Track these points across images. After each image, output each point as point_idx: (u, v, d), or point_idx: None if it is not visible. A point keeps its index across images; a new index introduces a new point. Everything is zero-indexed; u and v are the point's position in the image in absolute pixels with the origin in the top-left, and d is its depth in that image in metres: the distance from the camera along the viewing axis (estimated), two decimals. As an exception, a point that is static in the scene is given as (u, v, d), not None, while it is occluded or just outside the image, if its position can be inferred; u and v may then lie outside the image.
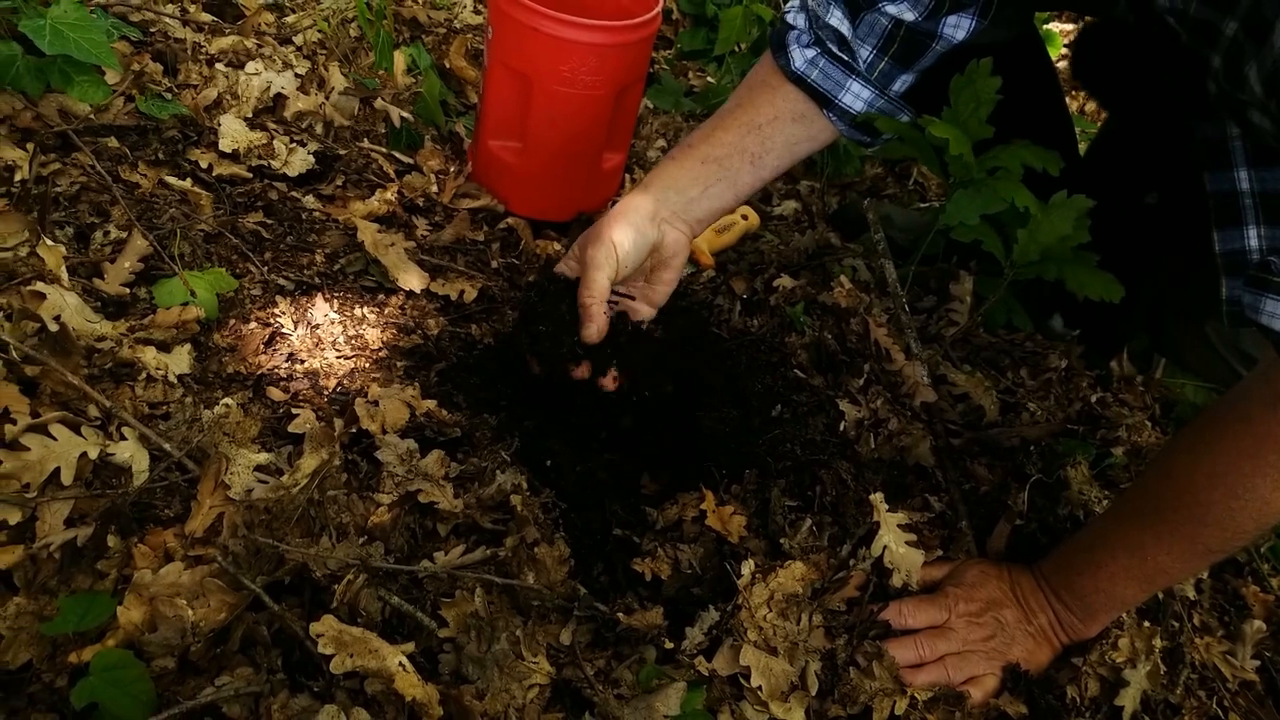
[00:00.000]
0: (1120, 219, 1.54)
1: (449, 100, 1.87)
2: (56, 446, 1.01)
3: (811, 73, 1.23)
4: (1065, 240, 1.43)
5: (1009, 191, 1.42)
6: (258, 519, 1.00)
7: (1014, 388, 1.59)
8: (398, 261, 1.44)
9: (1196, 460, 1.02)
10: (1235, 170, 1.26)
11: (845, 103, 1.25)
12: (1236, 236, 1.33)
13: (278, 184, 1.54)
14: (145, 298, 1.26)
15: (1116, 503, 1.19)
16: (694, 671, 1.05)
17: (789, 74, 1.23)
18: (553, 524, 1.15)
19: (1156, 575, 1.07)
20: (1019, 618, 1.14)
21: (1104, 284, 1.42)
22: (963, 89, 1.42)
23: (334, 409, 1.21)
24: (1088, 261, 1.44)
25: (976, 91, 1.40)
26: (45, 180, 1.33)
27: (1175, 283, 1.63)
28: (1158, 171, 1.56)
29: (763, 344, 1.45)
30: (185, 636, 0.92)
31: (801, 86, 1.24)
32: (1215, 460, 0.99)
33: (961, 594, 1.14)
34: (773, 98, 1.25)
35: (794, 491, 1.26)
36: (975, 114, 1.41)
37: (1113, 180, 1.58)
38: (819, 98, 1.24)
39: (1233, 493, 0.97)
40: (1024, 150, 1.42)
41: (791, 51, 1.22)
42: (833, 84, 1.23)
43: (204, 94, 1.61)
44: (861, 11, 1.20)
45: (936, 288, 1.76)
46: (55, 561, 0.96)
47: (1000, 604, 1.14)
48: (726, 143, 1.24)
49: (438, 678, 0.97)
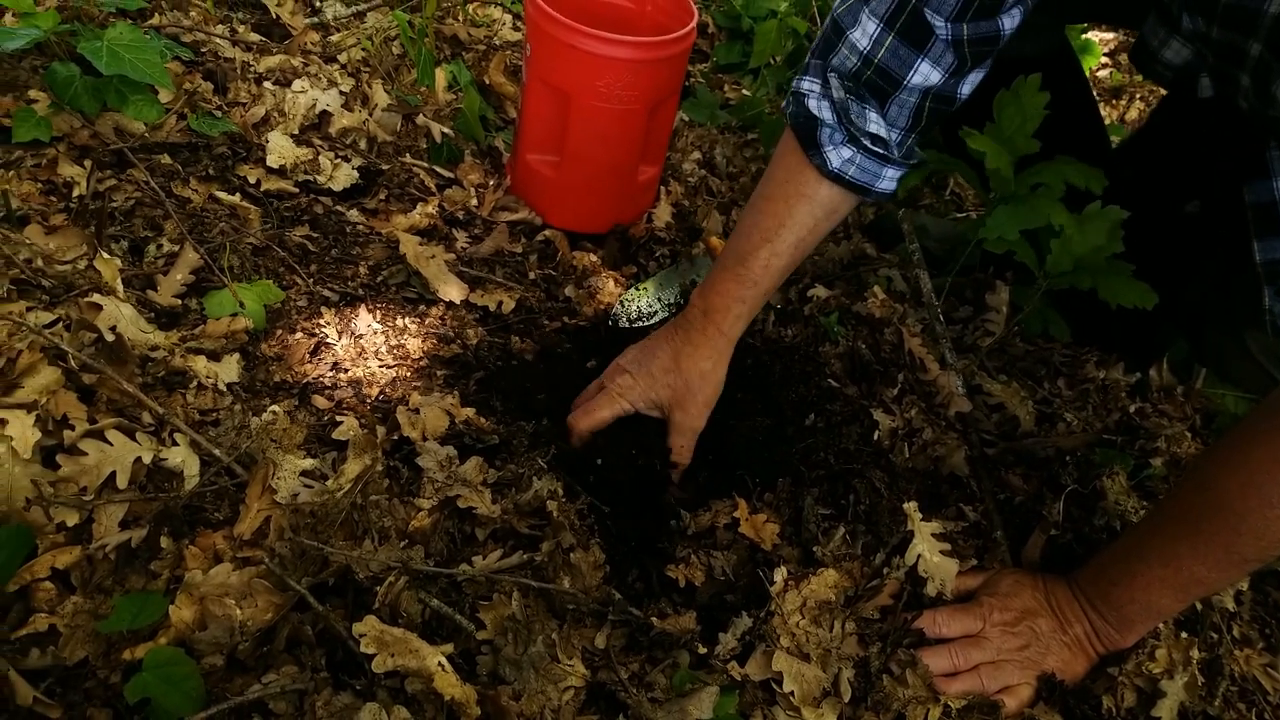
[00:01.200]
0: (1161, 227, 1.53)
1: (488, 115, 1.91)
2: (112, 451, 1.05)
3: (849, 170, 1.23)
4: (1099, 250, 1.42)
5: (1050, 210, 1.42)
6: (303, 522, 1.03)
7: (1051, 398, 1.58)
8: (438, 273, 1.47)
9: (1231, 470, 1.01)
10: (1275, 180, 1.25)
11: (881, 188, 1.26)
12: (1277, 246, 1.32)
13: (323, 198, 1.58)
14: (196, 309, 1.31)
15: (1152, 513, 1.18)
16: (727, 676, 1.06)
17: (826, 173, 1.23)
18: (588, 530, 1.16)
19: (1192, 585, 1.06)
20: (1054, 627, 1.13)
21: (1138, 292, 1.41)
22: (1008, 104, 1.42)
23: (376, 416, 1.24)
24: (1122, 270, 1.43)
25: (1023, 107, 1.40)
26: (102, 196, 1.39)
27: (1216, 291, 1.61)
28: (1199, 180, 1.55)
29: (797, 353, 1.45)
30: (233, 635, 0.95)
31: (840, 183, 1.24)
32: (1251, 469, 0.98)
33: (996, 603, 1.14)
34: (810, 206, 1.26)
35: (827, 500, 1.27)
36: (1021, 129, 1.41)
37: (1154, 188, 1.57)
38: (858, 189, 1.25)
39: (1268, 502, 0.97)
40: (1067, 167, 1.41)
41: (827, 153, 1.22)
42: (870, 176, 1.24)
43: (252, 111, 1.65)
44: (889, 99, 1.20)
45: (972, 298, 1.75)
46: (110, 562, 1.00)
47: (1035, 613, 1.14)
48: (775, 269, 1.28)
49: (475, 679, 0.99)
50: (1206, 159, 1.48)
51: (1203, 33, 1.15)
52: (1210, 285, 1.62)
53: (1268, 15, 1.04)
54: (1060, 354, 1.67)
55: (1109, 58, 3.10)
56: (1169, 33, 1.35)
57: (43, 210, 1.33)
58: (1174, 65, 1.39)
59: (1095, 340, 1.68)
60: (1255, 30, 1.03)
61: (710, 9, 2.55)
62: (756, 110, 2.14)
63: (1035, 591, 1.16)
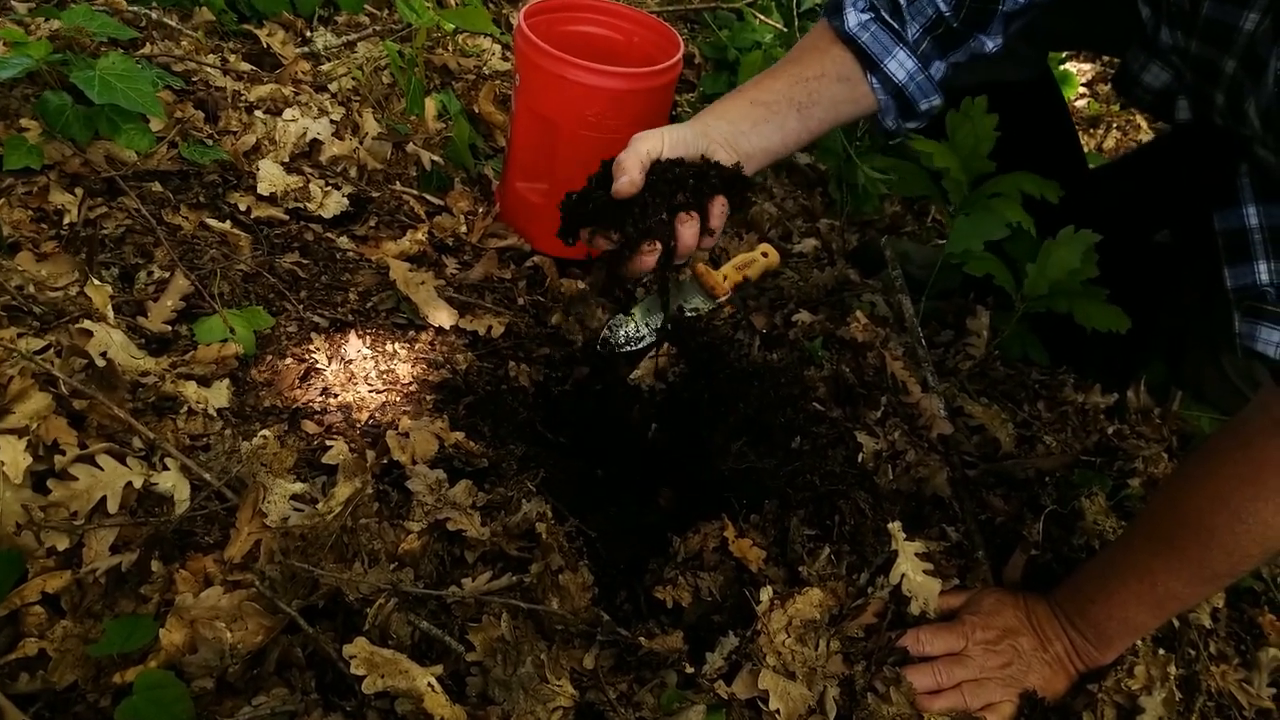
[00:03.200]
0: (1133, 254, 1.57)
1: (478, 144, 1.93)
2: (103, 476, 1.05)
3: (863, 35, 1.23)
4: (1073, 274, 1.45)
5: (1009, 213, 1.45)
6: (293, 545, 1.04)
7: (1031, 420, 1.61)
8: (428, 299, 1.48)
9: (1200, 486, 1.04)
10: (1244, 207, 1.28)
11: (890, 69, 1.25)
12: (1247, 272, 1.35)
13: (313, 225, 1.59)
14: (186, 335, 1.32)
15: (1126, 531, 1.21)
16: (714, 695, 1.07)
17: (840, 34, 1.24)
18: (577, 552, 1.17)
19: (1168, 601, 1.08)
20: (1035, 645, 1.15)
21: (1111, 316, 1.44)
22: (960, 125, 1.45)
23: (366, 441, 1.25)
24: (1096, 295, 1.47)
25: (975, 128, 1.44)
26: (93, 223, 1.40)
27: (1197, 315, 1.65)
28: (1170, 209, 1.59)
29: (783, 377, 1.47)
30: (224, 658, 0.95)
31: (851, 47, 1.24)
32: (1218, 486, 1.01)
33: (979, 621, 1.16)
34: (821, 57, 1.26)
35: (813, 521, 1.29)
36: (975, 149, 1.44)
37: (1125, 217, 1.60)
38: (866, 60, 1.25)
39: (1236, 517, 0.99)
40: (1022, 178, 1.45)
41: (846, 13, 1.23)
42: (881, 48, 1.24)
43: (243, 140, 1.67)
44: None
45: (954, 322, 1.78)
46: (101, 586, 1.00)
47: (1016, 631, 1.16)
48: (775, 89, 1.25)
49: (465, 699, 1.00)
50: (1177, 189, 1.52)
51: (1182, 48, 1.18)
52: (1190, 310, 1.65)
53: (1243, 32, 1.07)
54: (1039, 377, 1.70)
55: (1087, 88, 3.17)
56: (1149, 57, 1.39)
57: (34, 237, 1.34)
58: (1153, 89, 1.42)
59: (1073, 364, 1.71)
60: (1231, 46, 1.06)
61: (697, 39, 2.59)
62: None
63: (1016, 610, 1.18)
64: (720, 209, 1.16)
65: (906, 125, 1.32)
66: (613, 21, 1.70)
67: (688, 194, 1.13)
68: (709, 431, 1.34)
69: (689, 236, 1.14)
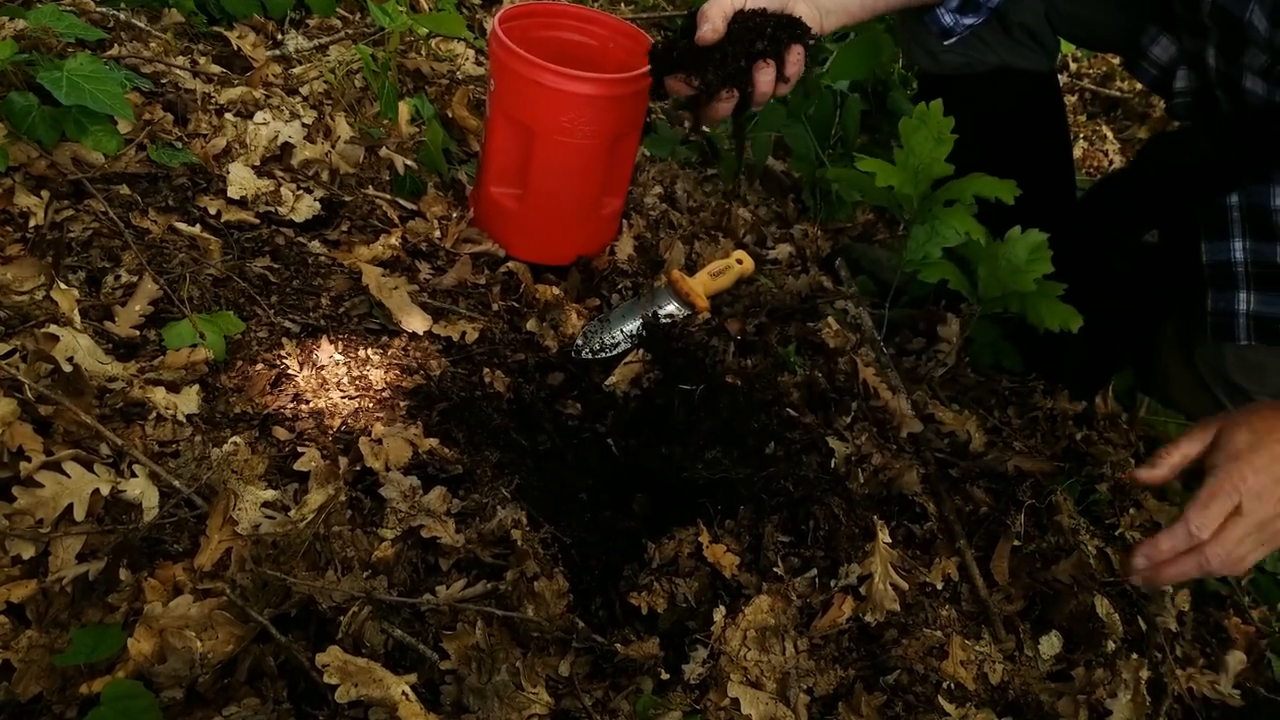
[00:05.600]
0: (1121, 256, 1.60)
1: (451, 149, 1.92)
2: (69, 483, 1.03)
3: None
4: (1022, 274, 1.47)
5: (959, 224, 1.46)
6: (265, 553, 1.03)
7: (1000, 426, 1.63)
8: (401, 304, 1.47)
9: None
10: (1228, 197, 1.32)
11: None
12: (1223, 247, 1.39)
13: (285, 230, 1.58)
14: (155, 340, 1.30)
15: None
16: (690, 702, 1.07)
17: None
18: (552, 559, 1.17)
19: None
20: None
21: (1063, 315, 1.45)
22: (915, 131, 1.47)
23: (339, 447, 1.24)
24: (1049, 292, 1.48)
25: (931, 131, 1.45)
26: (59, 226, 1.37)
27: (1172, 313, 1.67)
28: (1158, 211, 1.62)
29: (758, 383, 1.48)
30: (194, 668, 0.94)
31: None
32: None
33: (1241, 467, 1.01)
34: None
35: (787, 527, 1.29)
36: (933, 153, 1.46)
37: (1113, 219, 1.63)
38: None
39: None
40: (976, 181, 1.46)
41: None
42: None
43: (213, 143, 1.65)
44: None
45: (925, 330, 1.80)
46: (67, 595, 0.98)
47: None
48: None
49: (439, 708, 0.99)
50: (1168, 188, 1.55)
51: None
52: (1165, 308, 1.68)
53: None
54: (1009, 384, 1.72)
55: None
56: (1160, 29, 1.43)
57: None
58: (1160, 63, 1.47)
59: (1046, 370, 1.73)
60: None
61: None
62: (716, 146, 2.19)
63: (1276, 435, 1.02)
64: (796, 57, 1.26)
65: (964, 21, 1.31)
66: (588, 27, 1.70)
67: (766, 42, 1.21)
68: (683, 437, 1.35)
69: (765, 84, 1.24)
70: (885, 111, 2.35)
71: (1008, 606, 1.32)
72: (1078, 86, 3.23)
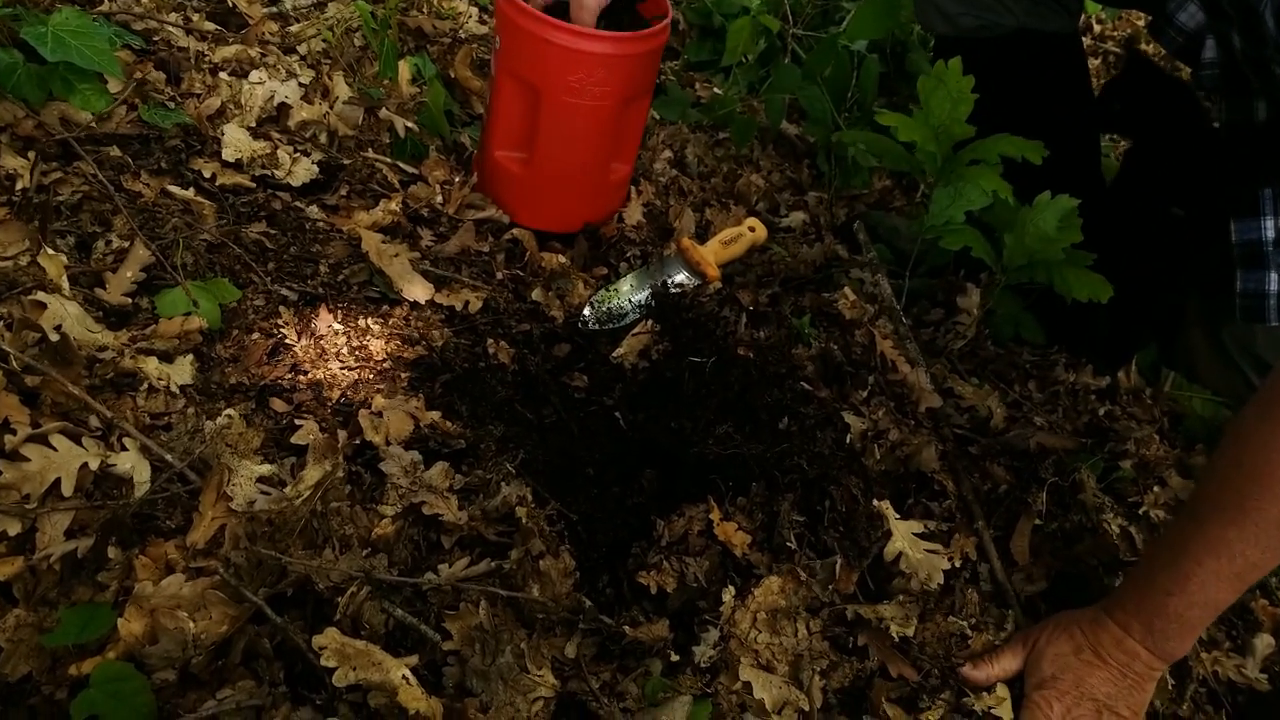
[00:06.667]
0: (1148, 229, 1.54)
1: (454, 110, 1.87)
2: (57, 457, 1.00)
3: None
4: (1052, 242, 1.41)
5: (986, 182, 1.40)
6: (260, 531, 0.99)
7: (1021, 400, 1.58)
8: (402, 272, 1.43)
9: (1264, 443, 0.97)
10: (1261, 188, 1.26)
11: None
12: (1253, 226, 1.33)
13: (281, 194, 1.53)
14: (147, 308, 1.25)
15: (1187, 507, 1.11)
16: (700, 685, 1.04)
17: None
18: (558, 536, 1.14)
19: (1247, 572, 1.01)
20: (1112, 677, 1.09)
21: (1092, 285, 1.39)
22: (934, 90, 1.40)
23: (337, 420, 1.20)
24: (1078, 261, 1.42)
25: (950, 91, 1.39)
26: (46, 189, 1.33)
27: (1200, 289, 1.62)
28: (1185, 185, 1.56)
29: (770, 355, 1.44)
30: (186, 649, 0.91)
31: None
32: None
33: (1052, 695, 1.10)
34: None
35: (802, 506, 1.25)
36: (952, 114, 1.39)
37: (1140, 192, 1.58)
38: None
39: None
40: (1002, 141, 1.40)
41: None
42: None
43: (207, 103, 1.60)
44: None
45: (944, 300, 1.75)
46: (55, 573, 0.95)
47: (1091, 681, 1.10)
48: None
49: (442, 691, 0.96)
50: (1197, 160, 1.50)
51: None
52: (1192, 283, 1.63)
53: None
54: (1030, 357, 1.67)
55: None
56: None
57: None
58: (1186, 29, 1.41)
59: (1069, 343, 1.68)
60: None
61: (681, 5, 2.53)
62: (728, 109, 2.12)
63: (1080, 655, 1.11)
64: None
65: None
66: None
67: None
68: (693, 412, 1.30)
69: None
70: (904, 74, 2.27)
71: (1028, 587, 1.28)
72: (1101, 50, 3.15)
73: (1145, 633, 1.08)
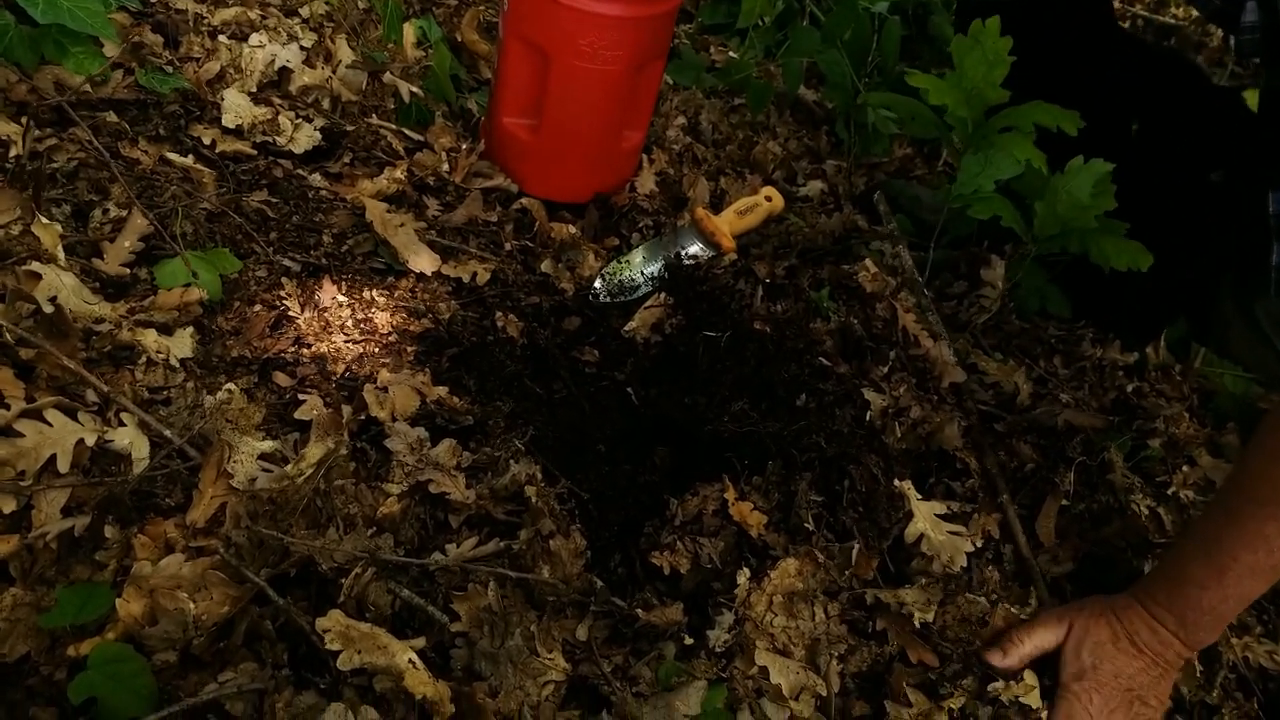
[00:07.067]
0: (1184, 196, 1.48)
1: (460, 75, 1.82)
2: (52, 433, 0.96)
3: None
4: (1085, 209, 1.36)
5: (1019, 150, 1.35)
6: (262, 509, 0.96)
7: (1047, 376, 1.54)
8: (408, 242, 1.39)
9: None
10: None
11: None
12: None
13: (283, 161, 1.49)
14: (146, 278, 1.22)
15: (1219, 499, 1.10)
16: (715, 669, 1.01)
17: None
18: (569, 515, 1.11)
19: None
20: (1145, 666, 1.08)
21: (1131, 253, 1.35)
22: (969, 51, 1.35)
23: (342, 395, 1.17)
24: (1114, 230, 1.37)
25: (985, 53, 1.34)
26: (41, 156, 1.29)
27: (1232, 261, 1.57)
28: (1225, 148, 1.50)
29: (788, 330, 1.40)
30: (187, 630, 0.88)
31: None
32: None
33: (1089, 686, 1.08)
34: None
35: (820, 486, 1.22)
36: (987, 77, 1.34)
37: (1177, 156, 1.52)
38: None
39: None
40: (1036, 109, 1.35)
41: None
42: None
43: (206, 67, 1.56)
44: None
45: (967, 273, 1.70)
46: (52, 552, 0.92)
47: (1128, 670, 1.08)
48: None
49: (449, 674, 0.94)
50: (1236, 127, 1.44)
51: None
52: (1225, 255, 1.58)
53: None
54: (1056, 331, 1.63)
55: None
56: None
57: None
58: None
59: (1095, 317, 1.64)
60: None
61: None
62: (744, 74, 2.07)
63: (1118, 644, 1.09)
64: None
65: None
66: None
67: None
68: (708, 387, 1.27)
69: None
70: (927, 37, 2.21)
71: (1054, 568, 1.25)
72: (1129, 13, 3.07)
73: (1178, 625, 1.06)
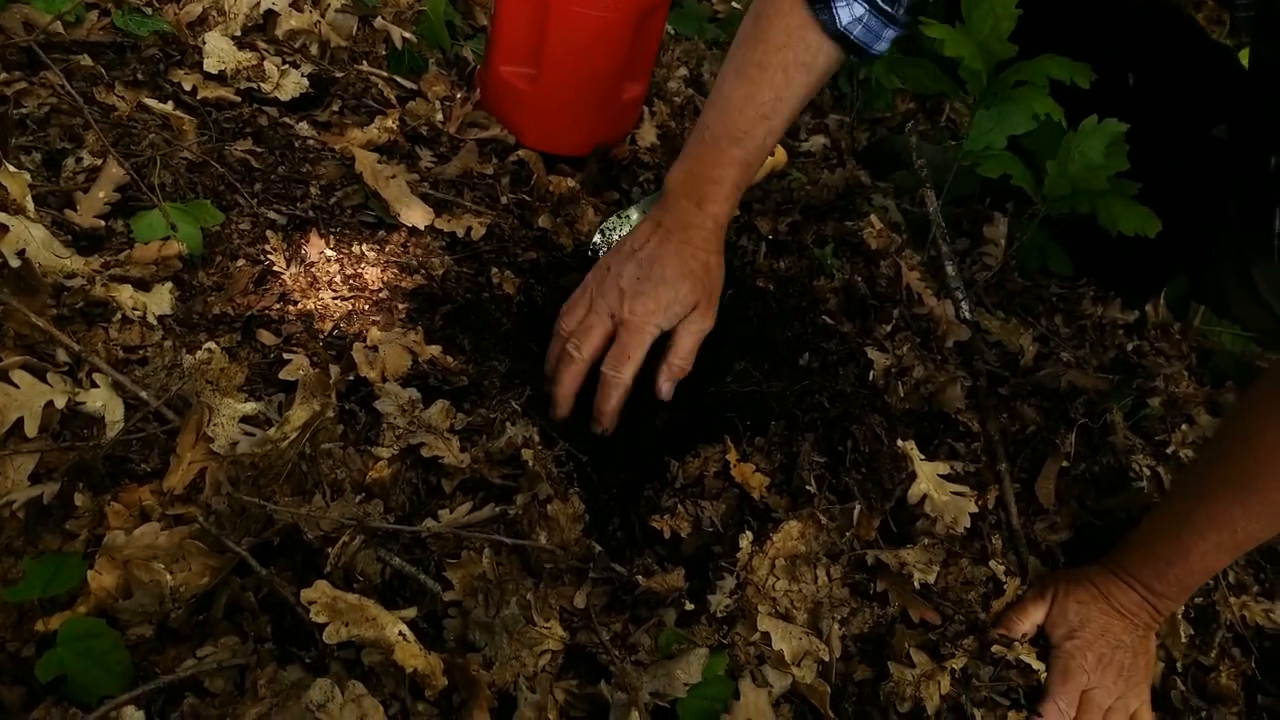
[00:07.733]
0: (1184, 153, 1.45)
1: (455, 21, 1.76)
2: (19, 394, 0.92)
3: (855, 29, 1.19)
4: (1097, 170, 1.33)
5: (1036, 104, 1.32)
6: (243, 475, 0.92)
7: (1048, 335, 1.51)
8: (399, 195, 1.34)
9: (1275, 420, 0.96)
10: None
11: (876, 50, 1.22)
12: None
13: (268, 109, 1.43)
14: (122, 231, 1.17)
15: (1190, 477, 1.14)
16: (716, 636, 0.99)
17: (831, 30, 1.18)
18: (566, 479, 1.07)
19: (1246, 543, 1.05)
20: (1126, 627, 1.12)
21: (1140, 218, 1.32)
22: (977, 4, 1.31)
23: (330, 354, 1.12)
24: (1125, 191, 1.34)
25: (993, 6, 1.30)
26: (8, 100, 1.23)
27: (1231, 223, 1.54)
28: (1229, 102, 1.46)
29: (791, 288, 1.36)
30: (164, 603, 0.84)
31: (843, 43, 1.20)
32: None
33: (1080, 644, 1.11)
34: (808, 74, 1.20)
35: (823, 446, 1.19)
36: (994, 31, 1.31)
37: (1180, 111, 1.47)
38: (856, 50, 1.21)
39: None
40: (1050, 62, 1.31)
41: (837, 9, 1.17)
42: (872, 36, 1.21)
43: (187, 9, 1.49)
44: None
45: (969, 230, 1.67)
46: (19, 521, 0.87)
47: (1113, 629, 1.11)
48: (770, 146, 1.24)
49: (442, 645, 0.91)
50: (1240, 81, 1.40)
51: None
52: (1225, 217, 1.55)
53: None
54: (1058, 290, 1.60)
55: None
56: None
57: (-61, 116, 1.17)
58: None
59: (1096, 274, 1.61)
60: None
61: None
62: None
63: (1098, 604, 1.12)
64: None
65: None
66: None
67: None
68: (709, 347, 1.23)
69: None
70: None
71: (1051, 536, 1.23)
72: None
73: (1147, 591, 1.10)
